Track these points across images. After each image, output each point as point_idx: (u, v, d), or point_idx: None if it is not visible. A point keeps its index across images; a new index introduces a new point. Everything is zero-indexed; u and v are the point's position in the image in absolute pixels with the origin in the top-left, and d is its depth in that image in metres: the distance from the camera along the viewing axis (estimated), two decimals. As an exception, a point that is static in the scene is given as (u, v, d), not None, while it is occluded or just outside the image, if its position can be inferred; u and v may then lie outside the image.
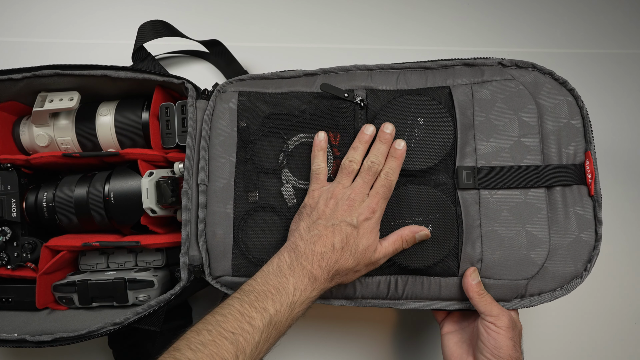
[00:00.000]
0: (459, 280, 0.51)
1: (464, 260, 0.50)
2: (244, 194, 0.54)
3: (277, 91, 0.56)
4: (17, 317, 0.57)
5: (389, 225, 0.51)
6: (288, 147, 0.54)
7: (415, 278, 0.52)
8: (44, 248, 0.58)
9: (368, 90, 0.55)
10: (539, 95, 0.53)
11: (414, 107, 0.53)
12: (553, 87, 0.53)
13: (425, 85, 0.55)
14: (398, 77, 0.56)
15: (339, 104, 0.55)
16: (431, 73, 0.56)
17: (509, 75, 0.54)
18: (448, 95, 0.54)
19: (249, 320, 0.41)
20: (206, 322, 0.41)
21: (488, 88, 0.53)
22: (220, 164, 0.55)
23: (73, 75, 0.57)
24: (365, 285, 0.52)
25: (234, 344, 0.40)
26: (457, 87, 0.54)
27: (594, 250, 0.50)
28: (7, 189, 0.58)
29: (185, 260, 0.54)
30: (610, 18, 0.78)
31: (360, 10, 0.79)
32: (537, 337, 0.67)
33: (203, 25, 0.76)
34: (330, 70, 0.58)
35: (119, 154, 0.57)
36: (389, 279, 0.52)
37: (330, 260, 0.46)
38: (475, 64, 0.55)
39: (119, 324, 0.51)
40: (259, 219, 0.53)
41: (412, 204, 0.51)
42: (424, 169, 0.52)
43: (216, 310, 0.43)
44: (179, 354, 0.39)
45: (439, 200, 0.51)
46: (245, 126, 0.55)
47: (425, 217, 0.51)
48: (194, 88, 0.58)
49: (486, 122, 0.53)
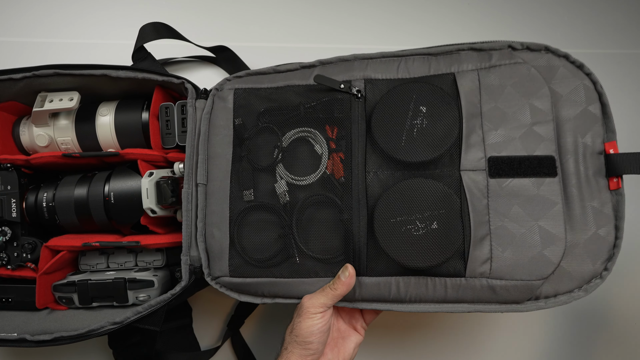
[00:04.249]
0: (466, 281, 0.48)
1: (472, 259, 0.47)
2: (239, 193, 0.53)
3: (272, 86, 0.55)
4: (17, 317, 0.57)
5: (389, 223, 0.48)
6: (282, 142, 0.53)
7: (419, 279, 0.49)
8: (44, 248, 0.57)
9: (367, 80, 0.53)
10: (552, 80, 0.49)
11: (416, 96, 0.50)
12: (568, 71, 0.49)
13: (429, 72, 0.51)
14: (399, 66, 0.53)
15: (335, 96, 0.52)
16: (435, 60, 0.52)
17: (519, 58, 0.50)
18: (453, 83, 0.50)
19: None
20: None
21: (496, 73, 0.49)
22: (218, 163, 0.55)
23: (73, 75, 0.57)
24: (364, 287, 0.50)
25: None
26: (462, 73, 0.50)
27: (615, 248, 0.47)
28: (7, 189, 0.58)
29: (186, 260, 0.54)
30: (610, 18, 0.78)
31: (360, 11, 0.79)
32: (537, 337, 0.68)
33: (203, 25, 0.76)
34: (328, 61, 0.55)
35: (119, 154, 0.57)
36: (391, 281, 0.49)
37: None
38: (483, 48, 0.51)
39: (119, 324, 0.51)
40: (254, 218, 0.52)
41: (415, 200, 0.48)
42: (426, 160, 0.49)
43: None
44: None
45: (443, 195, 0.48)
46: (241, 123, 0.55)
47: (430, 213, 0.47)
48: (194, 88, 0.58)
49: (494, 109, 0.49)
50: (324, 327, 0.49)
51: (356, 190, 0.50)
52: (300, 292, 0.51)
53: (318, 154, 0.52)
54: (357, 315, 0.55)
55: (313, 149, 0.52)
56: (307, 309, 0.48)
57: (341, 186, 0.51)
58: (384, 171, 0.50)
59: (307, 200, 0.51)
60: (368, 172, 0.51)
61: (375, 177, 0.50)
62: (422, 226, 0.48)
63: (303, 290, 0.51)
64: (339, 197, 0.51)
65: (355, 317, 0.54)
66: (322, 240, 0.51)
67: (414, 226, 0.48)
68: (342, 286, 0.48)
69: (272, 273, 0.52)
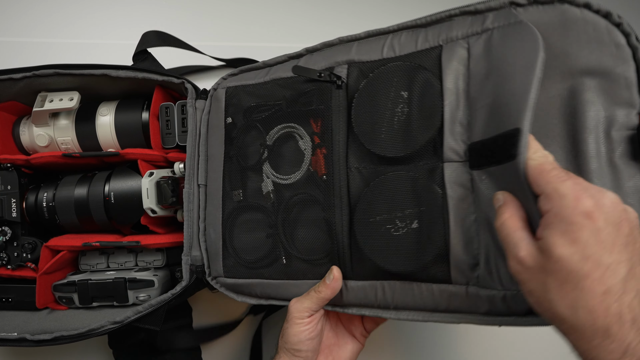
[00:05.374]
0: (455, 288, 0.41)
1: (454, 263, 0.40)
2: (230, 193, 0.52)
3: (259, 81, 0.52)
4: (17, 316, 0.57)
5: (369, 222, 0.44)
6: (266, 140, 0.50)
7: (404, 284, 0.43)
8: (44, 248, 0.57)
9: (350, 64, 0.47)
10: (568, 38, 0.37)
11: (397, 79, 0.43)
12: (590, 25, 0.37)
13: (415, 48, 0.44)
14: (385, 44, 0.46)
15: (316, 86, 0.48)
16: (424, 32, 0.44)
17: (519, 17, 0.38)
18: (437, 58, 0.42)
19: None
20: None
21: (488, 40, 0.40)
22: (213, 164, 0.55)
23: (73, 75, 0.57)
24: (351, 291, 0.46)
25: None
26: (450, 45, 0.42)
27: None
28: (7, 189, 0.58)
29: (187, 260, 0.54)
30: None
31: (360, 11, 0.79)
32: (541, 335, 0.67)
33: (203, 25, 0.76)
34: (314, 49, 0.51)
35: (119, 154, 0.57)
36: (376, 285, 0.45)
37: None
38: (478, 9, 0.42)
39: (120, 323, 0.51)
40: (244, 218, 0.51)
41: (395, 196, 0.43)
42: (407, 155, 0.43)
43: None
44: None
45: (424, 190, 0.42)
46: (231, 122, 0.53)
47: (411, 210, 0.42)
48: (193, 88, 0.58)
49: (483, 87, 0.39)
50: (312, 333, 0.46)
51: (338, 187, 0.46)
52: (291, 294, 0.49)
53: (302, 150, 0.49)
54: (357, 321, 0.51)
55: (298, 145, 0.49)
56: (292, 315, 0.46)
57: (324, 183, 0.47)
58: (366, 166, 0.46)
59: (292, 200, 0.49)
60: (350, 168, 0.46)
61: (357, 172, 0.46)
62: (402, 225, 0.43)
63: (293, 292, 0.49)
64: (323, 195, 0.47)
65: (355, 324, 0.51)
66: (308, 241, 0.48)
67: (393, 226, 0.43)
68: (326, 289, 0.45)
69: (262, 274, 0.50)
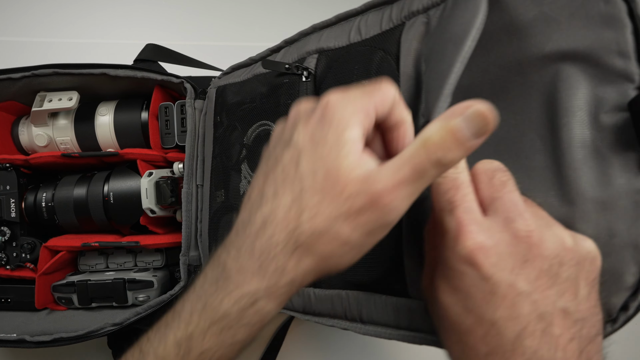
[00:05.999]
0: (415, 304, 0.33)
1: (410, 275, 0.33)
2: (215, 194, 0.52)
3: (244, 78, 0.51)
4: (16, 317, 0.57)
5: None
6: (244, 139, 0.48)
7: (367, 295, 0.36)
8: (43, 248, 0.57)
9: (320, 52, 0.43)
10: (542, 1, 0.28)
11: (359, 66, 0.38)
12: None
13: (380, 29, 0.38)
14: (352, 28, 0.41)
15: (285, 80, 0.45)
16: (388, 9, 0.38)
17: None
18: (398, 40, 0.36)
19: None
20: None
21: (443, 10, 0.33)
22: (207, 164, 0.55)
23: (72, 75, 0.57)
24: (319, 300, 0.40)
25: None
26: (411, 22, 0.36)
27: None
28: (6, 189, 0.58)
29: (185, 260, 0.54)
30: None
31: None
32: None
33: (203, 25, 0.75)
34: (292, 40, 0.47)
35: (118, 154, 0.57)
36: (341, 294, 0.38)
37: None
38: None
39: (119, 325, 0.51)
40: (226, 219, 0.50)
41: None
42: None
43: None
44: None
45: None
46: (219, 121, 0.53)
47: None
48: (192, 88, 0.58)
49: (439, 70, 0.29)
50: None
51: None
52: None
53: None
54: None
55: None
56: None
57: None
58: None
59: None
60: None
61: None
62: None
63: None
64: None
65: None
66: None
67: None
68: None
69: None
